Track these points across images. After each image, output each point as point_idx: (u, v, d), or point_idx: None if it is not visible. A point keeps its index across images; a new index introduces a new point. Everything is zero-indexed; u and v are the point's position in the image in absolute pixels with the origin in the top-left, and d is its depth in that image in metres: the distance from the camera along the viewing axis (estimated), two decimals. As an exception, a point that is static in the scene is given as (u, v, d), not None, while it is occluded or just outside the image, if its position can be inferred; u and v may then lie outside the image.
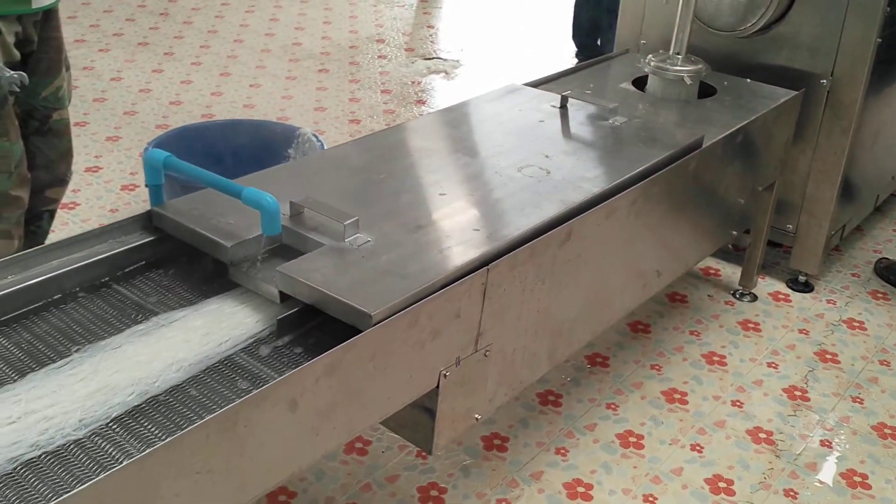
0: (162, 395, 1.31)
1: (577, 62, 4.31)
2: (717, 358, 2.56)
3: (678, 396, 2.39)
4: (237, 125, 3.13)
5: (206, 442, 1.13)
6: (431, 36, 5.45)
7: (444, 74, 4.79)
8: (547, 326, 1.81)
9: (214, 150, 2.86)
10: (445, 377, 1.56)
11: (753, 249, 2.79)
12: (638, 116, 2.32)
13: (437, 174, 1.90)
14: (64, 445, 1.20)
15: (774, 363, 2.55)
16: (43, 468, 1.16)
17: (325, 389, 1.30)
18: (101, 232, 1.59)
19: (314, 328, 1.49)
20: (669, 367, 2.51)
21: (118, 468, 1.04)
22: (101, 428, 1.24)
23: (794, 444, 2.24)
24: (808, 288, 2.93)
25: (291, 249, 1.60)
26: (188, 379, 1.35)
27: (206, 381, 1.36)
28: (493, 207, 1.77)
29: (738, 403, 2.37)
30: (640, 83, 2.63)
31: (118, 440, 1.22)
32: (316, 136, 2.91)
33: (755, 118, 2.37)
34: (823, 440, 2.26)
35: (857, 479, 2.13)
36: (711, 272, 3.00)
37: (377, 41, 5.26)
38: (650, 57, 2.58)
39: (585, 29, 4.49)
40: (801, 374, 2.52)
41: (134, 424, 1.25)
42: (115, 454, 1.19)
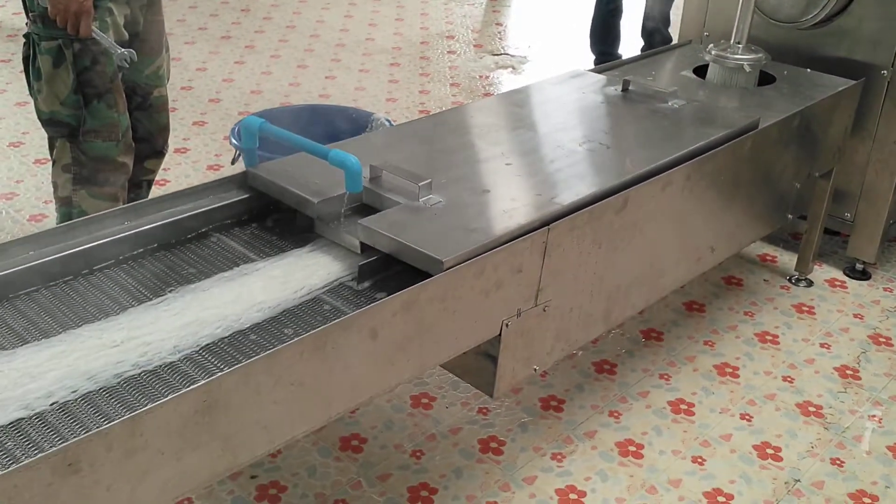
0: (246, 330, 1.47)
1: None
2: (769, 337, 2.65)
3: (729, 371, 2.49)
4: (315, 109, 3.32)
5: (300, 358, 1.30)
6: (500, 33, 5.61)
7: (511, 69, 4.94)
8: (602, 289, 1.94)
9: (294, 131, 3.04)
10: (507, 326, 1.71)
11: (809, 235, 2.87)
12: (697, 100, 2.43)
13: (502, 146, 2.05)
14: (160, 366, 1.36)
15: (827, 344, 2.63)
16: (142, 383, 1.32)
17: (401, 324, 1.46)
18: (203, 188, 1.78)
19: (390, 277, 1.65)
20: (722, 343, 2.61)
21: (227, 371, 1.21)
22: (191, 354, 1.40)
23: (842, 417, 2.32)
24: (864, 276, 2.99)
25: (370, 208, 1.76)
26: (268, 318, 1.51)
27: (290, 318, 1.52)
28: (554, 176, 1.91)
29: (788, 379, 2.46)
30: (700, 72, 2.74)
31: (206, 364, 1.37)
32: (389, 120, 3.08)
33: (812, 104, 2.46)
34: (872, 416, 2.34)
35: (903, 451, 2.21)
36: (768, 258, 3.08)
37: (447, 37, 5.44)
38: (711, 46, 2.69)
39: (602, 37, 4.52)
40: (853, 354, 2.59)
41: (220, 352, 1.41)
42: (204, 375, 1.34)
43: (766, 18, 2.88)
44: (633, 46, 4.52)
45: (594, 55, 4.57)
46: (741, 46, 2.64)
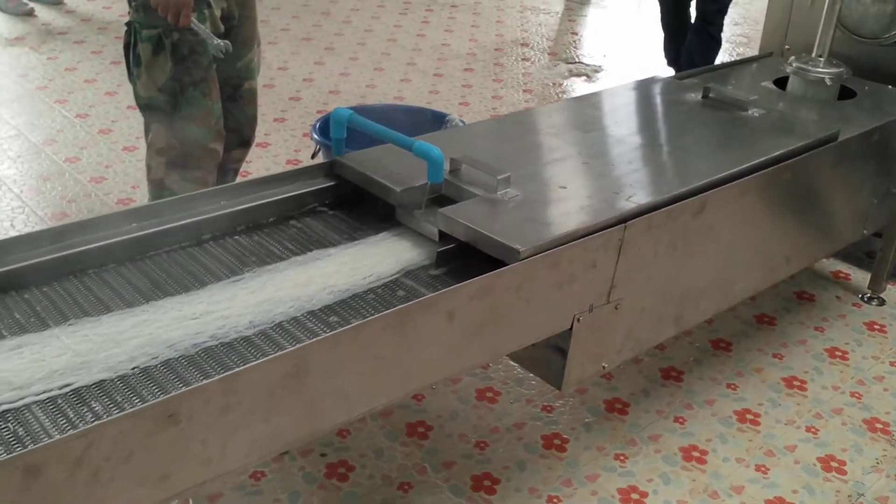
0: (317, 310, 1.53)
1: None
2: (839, 353, 2.62)
3: (797, 384, 2.47)
4: (392, 108, 3.40)
5: (382, 333, 1.36)
6: (575, 42, 5.63)
7: (585, 78, 4.96)
8: (675, 291, 1.96)
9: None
10: (579, 321, 1.74)
11: (884, 253, 2.82)
12: (776, 111, 2.43)
13: (579, 146, 2.08)
14: (236, 339, 1.43)
15: (899, 363, 2.59)
16: (219, 355, 1.39)
17: (477, 309, 1.51)
18: (295, 174, 1.87)
19: (465, 265, 1.70)
20: (791, 356, 2.59)
21: (315, 339, 1.28)
22: (266, 329, 1.46)
23: (912, 437, 2.29)
24: (941, 298, 2.93)
25: (448, 199, 1.82)
26: (338, 301, 1.56)
27: (366, 299, 1.57)
28: (631, 176, 1.93)
29: (856, 395, 2.43)
30: (781, 84, 2.73)
31: (280, 340, 1.43)
32: (463, 121, 3.14)
33: (892, 120, 2.44)
34: (944, 437, 2.30)
35: (975, 474, 2.17)
36: (841, 275, 3.04)
37: (521, 45, 5.49)
38: (792, 58, 2.68)
39: (673, 49, 4.49)
40: (926, 375, 2.55)
41: (293, 330, 1.47)
42: (277, 351, 1.38)
43: (848, 34, 2.86)
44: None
45: (670, 67, 4.57)
46: (822, 60, 2.63)
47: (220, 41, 2.21)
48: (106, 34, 5.05)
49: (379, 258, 1.68)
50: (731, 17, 6.51)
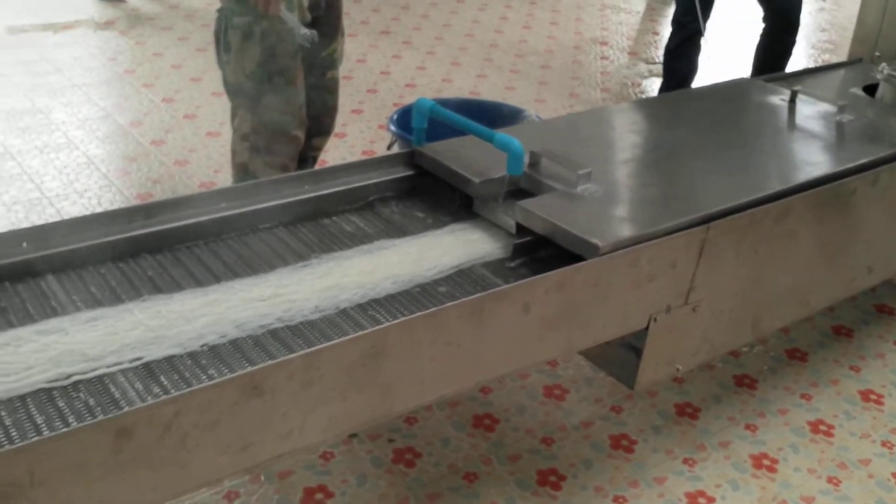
0: (381, 298, 1.54)
1: None
2: (921, 369, 2.54)
3: (874, 397, 2.40)
4: (469, 103, 3.41)
5: (457, 319, 1.37)
6: (656, 42, 5.56)
7: (664, 79, 4.89)
8: (755, 296, 1.92)
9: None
10: (655, 321, 1.73)
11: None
12: (865, 117, 2.36)
13: (660, 144, 2.06)
14: (302, 323, 1.45)
15: (985, 383, 2.50)
16: (284, 336, 1.42)
17: (552, 302, 1.51)
18: (376, 162, 1.89)
19: (543, 259, 1.70)
20: (869, 370, 2.52)
21: (393, 322, 1.30)
22: (331, 315, 1.48)
23: None
24: None
25: (527, 193, 1.82)
26: (402, 291, 1.57)
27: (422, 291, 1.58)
28: (715, 176, 1.91)
29: (938, 413, 2.36)
30: (870, 91, 2.65)
31: (343, 326, 1.45)
32: (539, 117, 3.13)
33: None
34: None
35: None
36: (926, 290, 2.94)
37: (600, 43, 5.44)
38: (884, 65, 2.61)
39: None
40: None
41: (357, 316, 1.48)
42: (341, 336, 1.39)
43: (946, 40, 2.76)
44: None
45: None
46: (916, 67, 2.55)
47: (306, 30, 2.25)
48: (192, 21, 5.19)
49: (445, 249, 1.69)
50: (817, 22, 6.37)
